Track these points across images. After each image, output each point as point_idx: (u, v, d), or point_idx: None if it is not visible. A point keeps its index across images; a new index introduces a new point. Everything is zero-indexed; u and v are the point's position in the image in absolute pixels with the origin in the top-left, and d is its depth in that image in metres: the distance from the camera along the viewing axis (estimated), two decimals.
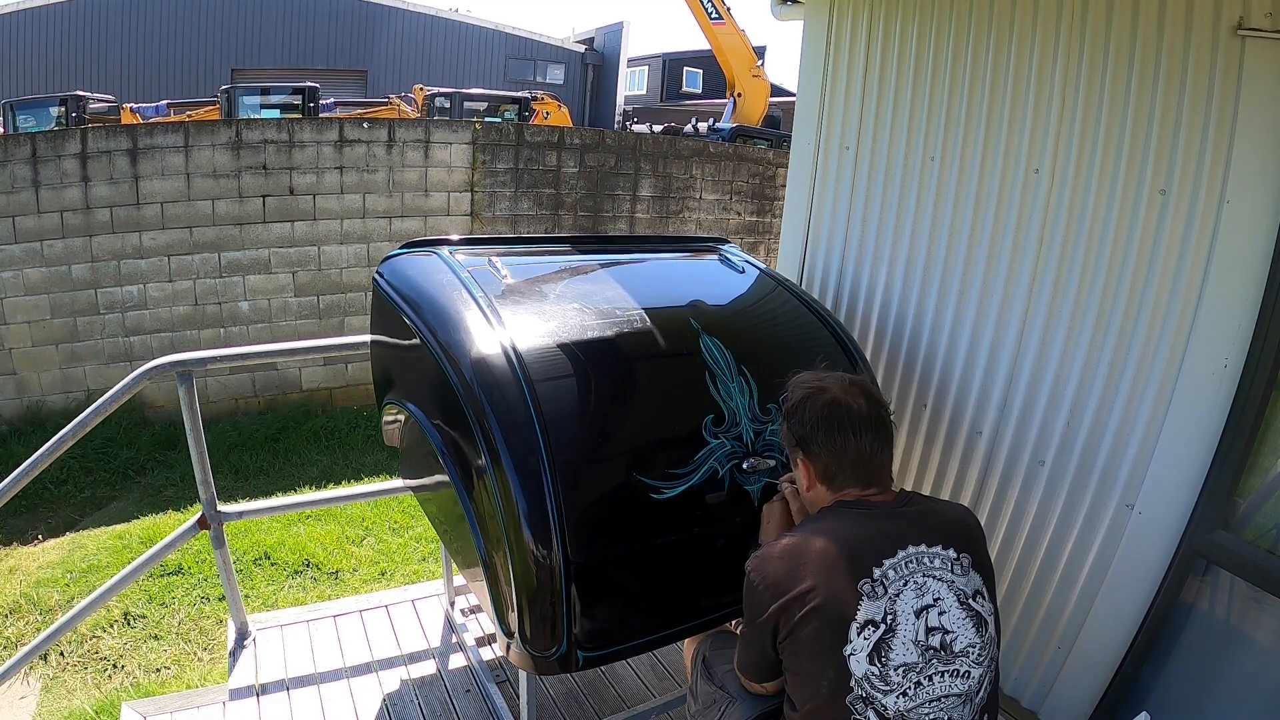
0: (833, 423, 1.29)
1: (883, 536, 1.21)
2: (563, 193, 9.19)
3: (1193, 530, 1.72)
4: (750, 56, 16.13)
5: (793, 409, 1.35)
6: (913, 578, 1.18)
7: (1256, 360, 1.58)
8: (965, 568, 1.22)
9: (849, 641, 1.14)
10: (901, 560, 1.19)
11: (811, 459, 1.32)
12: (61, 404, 7.30)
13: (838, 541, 1.20)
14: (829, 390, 1.33)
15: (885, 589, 1.16)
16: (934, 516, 1.28)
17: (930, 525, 1.25)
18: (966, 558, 1.23)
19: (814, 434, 1.31)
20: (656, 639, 1.61)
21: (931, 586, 1.19)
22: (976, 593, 1.22)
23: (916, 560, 1.20)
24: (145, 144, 7.24)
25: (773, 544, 1.25)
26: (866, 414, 1.30)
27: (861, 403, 1.31)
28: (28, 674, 3.93)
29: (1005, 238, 2.02)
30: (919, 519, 1.26)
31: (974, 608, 1.21)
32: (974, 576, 1.23)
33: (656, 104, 25.72)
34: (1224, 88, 1.55)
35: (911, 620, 1.16)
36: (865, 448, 1.29)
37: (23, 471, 2.02)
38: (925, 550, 1.21)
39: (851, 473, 1.29)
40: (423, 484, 1.89)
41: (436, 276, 1.75)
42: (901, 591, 1.17)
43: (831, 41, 2.50)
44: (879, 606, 1.15)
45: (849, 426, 1.29)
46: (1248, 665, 1.76)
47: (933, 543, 1.22)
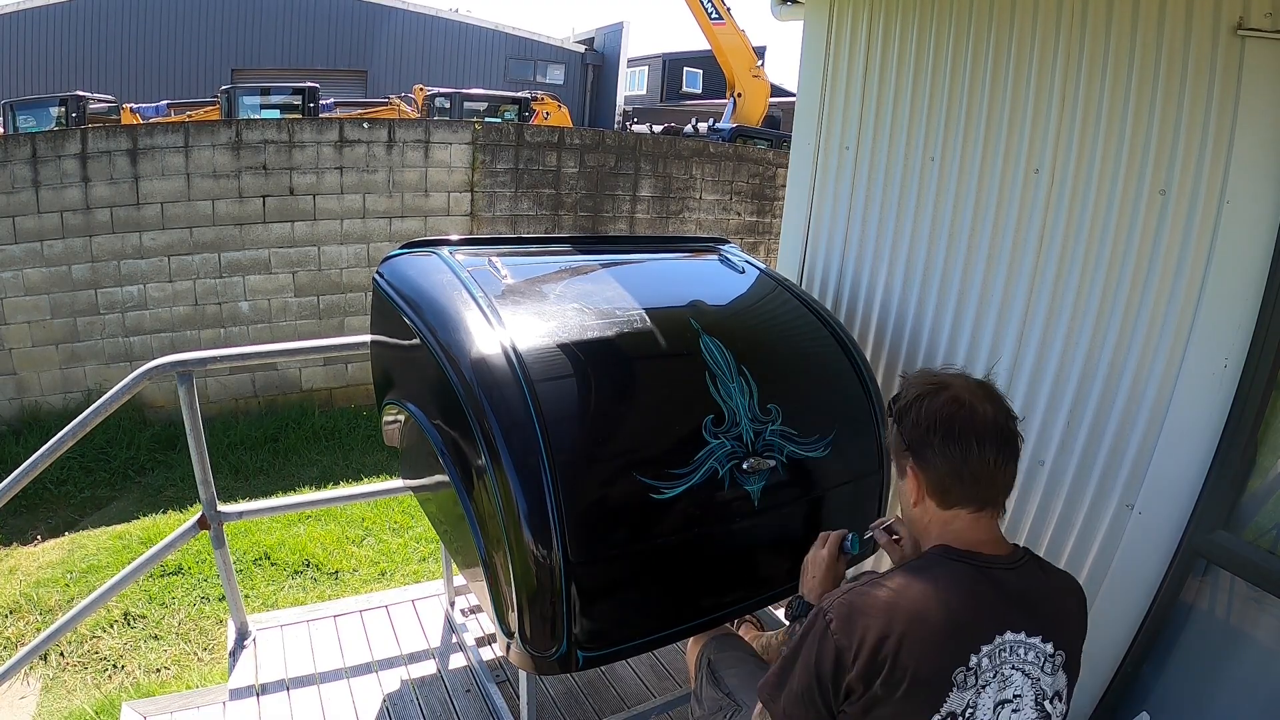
0: (953, 427, 1.13)
1: (988, 614, 1.09)
2: (563, 193, 9.19)
3: (1193, 530, 1.72)
4: (750, 56, 16.13)
5: (905, 408, 1.19)
6: (1002, 669, 1.08)
7: (1256, 360, 1.58)
8: (1056, 666, 1.12)
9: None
10: (997, 648, 1.08)
11: (924, 468, 1.16)
12: (61, 404, 7.30)
13: (944, 614, 1.07)
14: (951, 389, 1.16)
15: (977, 679, 1.07)
16: (1043, 597, 1.15)
17: (1037, 610, 1.12)
18: (1061, 655, 1.13)
19: (929, 439, 1.14)
20: (656, 639, 1.61)
21: (1016, 681, 1.09)
22: (1056, 694, 1.13)
23: (1011, 650, 1.09)
24: (145, 144, 7.24)
25: (866, 591, 1.09)
26: (993, 422, 1.13)
27: (988, 409, 1.14)
28: (28, 674, 3.93)
29: (1005, 238, 2.02)
30: (1028, 596, 1.13)
31: (1046, 709, 1.12)
32: (1060, 677, 1.13)
33: (656, 104, 25.72)
34: (1224, 88, 1.55)
35: (989, 715, 1.08)
36: (989, 461, 1.12)
37: (23, 472, 2.02)
38: (1024, 640, 1.10)
39: (970, 490, 1.14)
40: (423, 484, 1.89)
41: (436, 276, 1.75)
42: (989, 684, 1.08)
43: (831, 41, 2.50)
44: (964, 698, 1.06)
45: (971, 434, 1.12)
46: (1248, 665, 1.76)
47: (1033, 631, 1.10)
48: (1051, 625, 1.12)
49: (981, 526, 1.16)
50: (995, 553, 1.15)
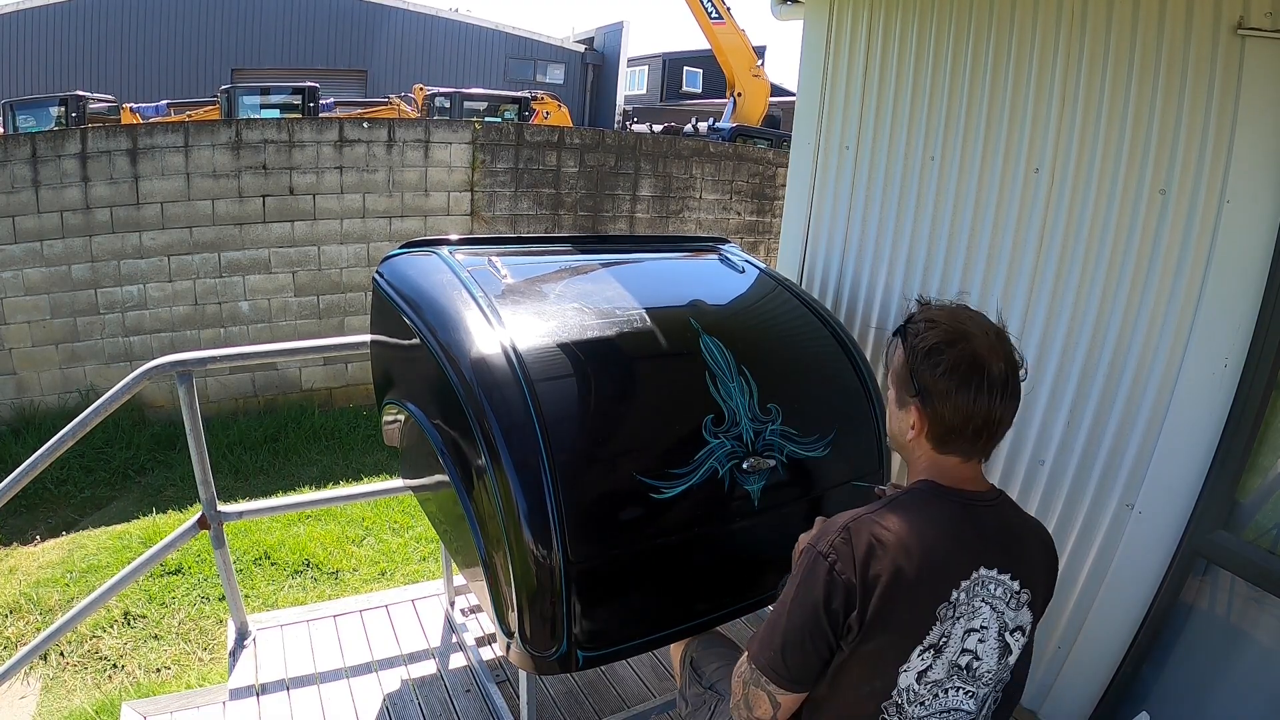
0: (969, 382, 1.12)
1: (969, 550, 1.14)
2: (563, 193, 9.19)
3: (1193, 530, 1.72)
4: (750, 56, 16.13)
5: (923, 350, 1.17)
6: (973, 601, 1.14)
7: (1256, 360, 1.58)
8: (1021, 603, 1.18)
9: (908, 661, 1.12)
10: (973, 583, 1.14)
11: (931, 414, 1.16)
12: (60, 404, 7.30)
13: (934, 553, 1.12)
14: (973, 342, 1.15)
15: (954, 611, 1.13)
16: (1015, 538, 1.20)
17: (1009, 548, 1.18)
18: (1027, 594, 1.18)
19: (944, 389, 1.14)
20: (657, 639, 1.61)
21: (983, 613, 1.15)
22: (1018, 628, 1.19)
23: (983, 584, 1.15)
24: (145, 144, 7.24)
25: (865, 528, 1.12)
26: (1003, 381, 1.14)
27: (1001, 366, 1.14)
28: (28, 674, 3.92)
29: (1005, 238, 2.02)
30: (1003, 535, 1.18)
31: (1006, 640, 1.18)
32: (1024, 613, 1.19)
33: (656, 104, 25.72)
34: (1224, 88, 1.55)
35: (958, 643, 1.14)
36: (995, 416, 1.14)
37: (22, 471, 2.02)
38: (995, 576, 1.15)
39: (970, 441, 1.16)
40: (423, 484, 1.89)
41: (436, 276, 1.75)
42: (963, 615, 1.13)
43: (831, 41, 2.50)
44: (942, 630, 1.12)
45: (985, 390, 1.12)
46: (1248, 665, 1.76)
47: (1004, 569, 1.16)
48: (1021, 565, 1.18)
49: (969, 467, 1.20)
50: (976, 489, 1.20)
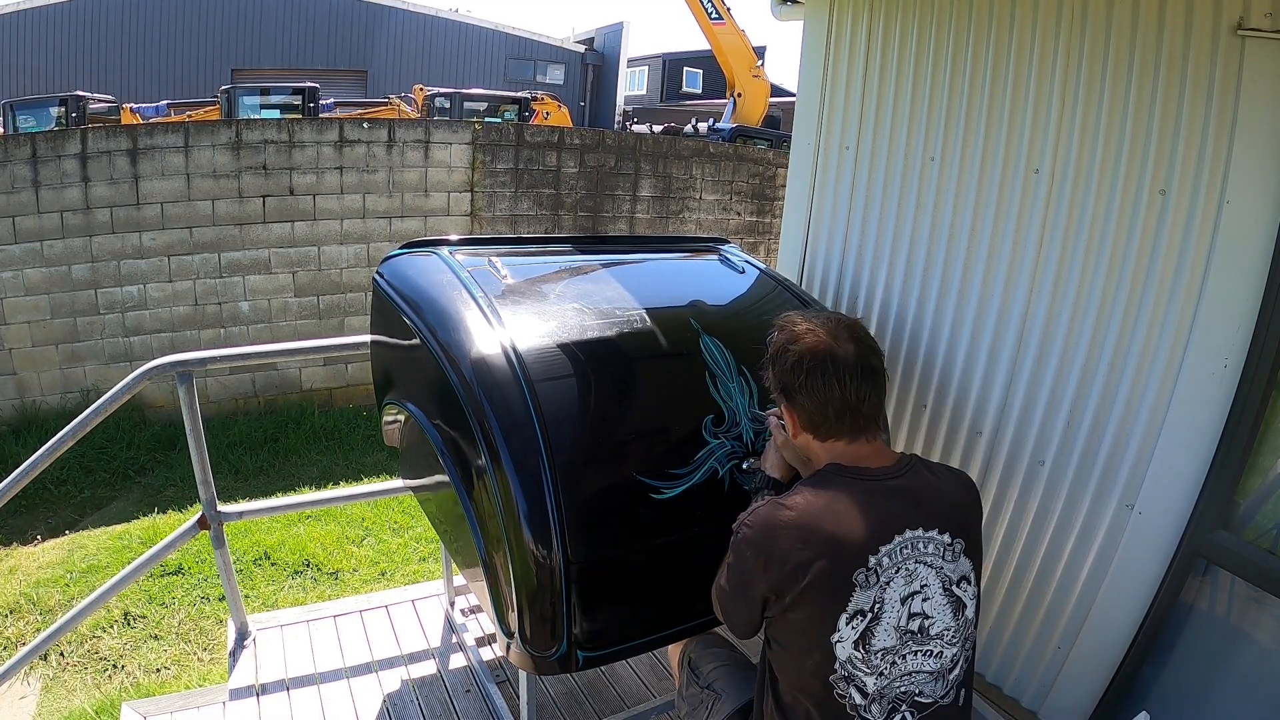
0: (816, 370, 1.22)
1: (880, 517, 1.17)
2: (563, 193, 9.19)
3: (1193, 530, 1.72)
4: (750, 56, 16.14)
5: (776, 353, 1.29)
6: (904, 564, 1.17)
7: (1256, 360, 1.58)
8: (956, 554, 1.21)
9: (837, 630, 1.14)
10: (897, 546, 1.16)
11: (795, 407, 1.27)
12: (61, 404, 7.30)
13: (840, 523, 1.16)
14: (815, 333, 1.25)
15: (878, 578, 1.15)
16: (933, 494, 1.24)
17: (928, 506, 1.21)
18: (960, 543, 1.21)
19: (795, 380, 1.24)
20: (657, 639, 1.61)
21: (920, 573, 1.18)
22: (962, 579, 1.21)
23: (911, 546, 1.17)
24: (145, 144, 7.24)
25: (770, 514, 1.19)
26: (854, 359, 1.23)
27: (849, 348, 1.23)
28: (28, 674, 3.93)
29: (1005, 238, 2.02)
30: (918, 496, 1.22)
31: (955, 594, 1.20)
32: (963, 562, 1.22)
33: (656, 104, 25.72)
34: (1224, 88, 1.55)
35: (897, 607, 1.16)
36: (851, 396, 1.21)
37: (23, 472, 2.02)
38: (921, 535, 1.18)
39: (836, 423, 1.23)
40: (423, 484, 1.89)
41: (436, 276, 1.75)
42: (893, 580, 1.16)
43: (831, 41, 2.50)
44: (869, 595, 1.15)
45: (833, 374, 1.21)
46: (1248, 665, 1.76)
47: (929, 526, 1.19)
48: (945, 517, 1.21)
49: (860, 446, 1.25)
50: (881, 464, 1.25)
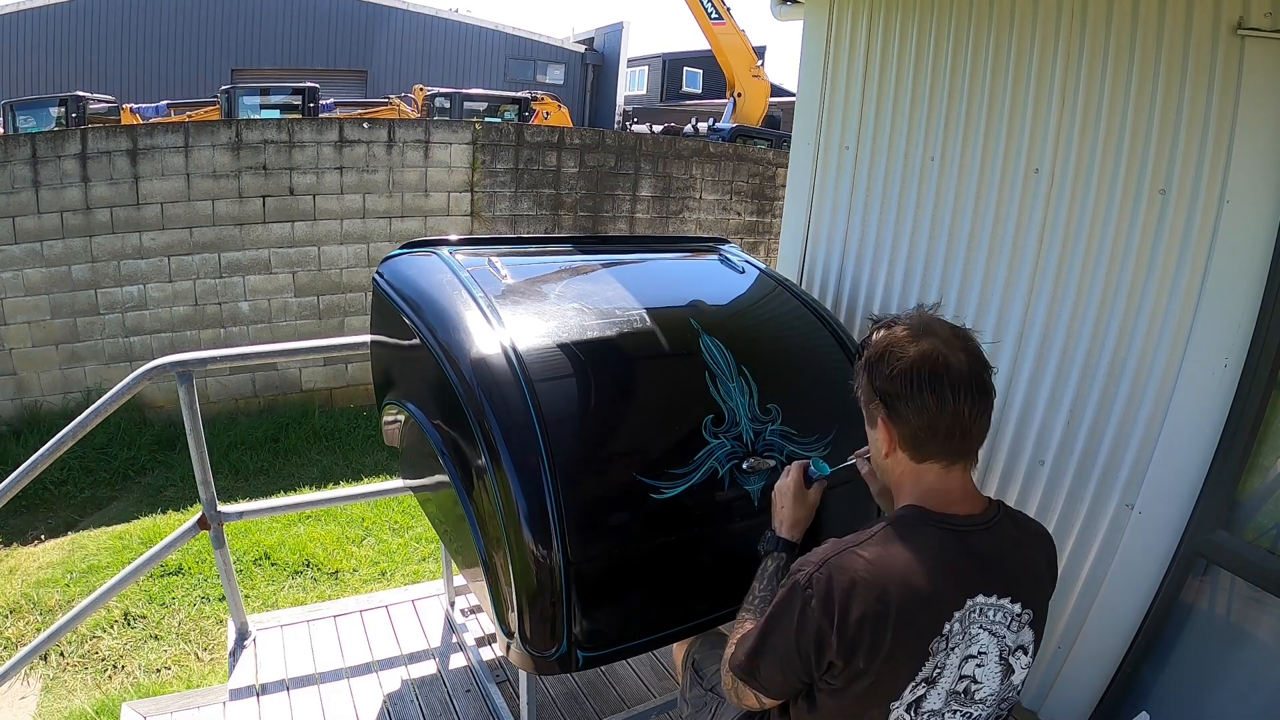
0: (927, 378, 1.08)
1: (961, 580, 1.09)
2: (563, 193, 9.19)
3: (1193, 530, 1.72)
4: (750, 56, 16.13)
5: (878, 357, 1.14)
6: (970, 629, 1.09)
7: (1256, 360, 1.58)
8: (1022, 624, 1.13)
9: (900, 698, 1.08)
10: (968, 612, 1.09)
11: (896, 420, 1.12)
12: (61, 404, 7.30)
13: (921, 586, 1.06)
14: (928, 339, 1.11)
15: (946, 644, 1.08)
16: (1017, 558, 1.15)
17: (1010, 572, 1.13)
18: (1028, 614, 1.14)
19: (903, 390, 1.10)
20: (657, 639, 1.61)
21: (981, 639, 1.10)
22: (1019, 648, 1.14)
23: (980, 611, 1.10)
24: (145, 144, 7.24)
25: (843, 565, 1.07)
26: (968, 373, 1.09)
27: (963, 359, 1.09)
28: (28, 674, 3.92)
29: (1005, 238, 2.02)
30: (1002, 558, 1.13)
31: (1009, 662, 1.14)
32: (1026, 633, 1.14)
33: (656, 104, 25.72)
34: (1224, 88, 1.55)
35: (954, 672, 1.09)
36: (964, 414, 1.08)
37: (23, 472, 2.02)
38: (993, 603, 1.10)
39: (945, 443, 1.10)
40: (423, 484, 1.89)
41: (436, 276, 1.75)
42: (958, 645, 1.09)
43: (831, 41, 2.50)
44: (936, 663, 1.08)
45: (948, 385, 1.08)
46: (1248, 665, 1.76)
47: (1003, 594, 1.11)
48: (1020, 584, 1.13)
49: (954, 479, 1.14)
50: (970, 511, 1.14)
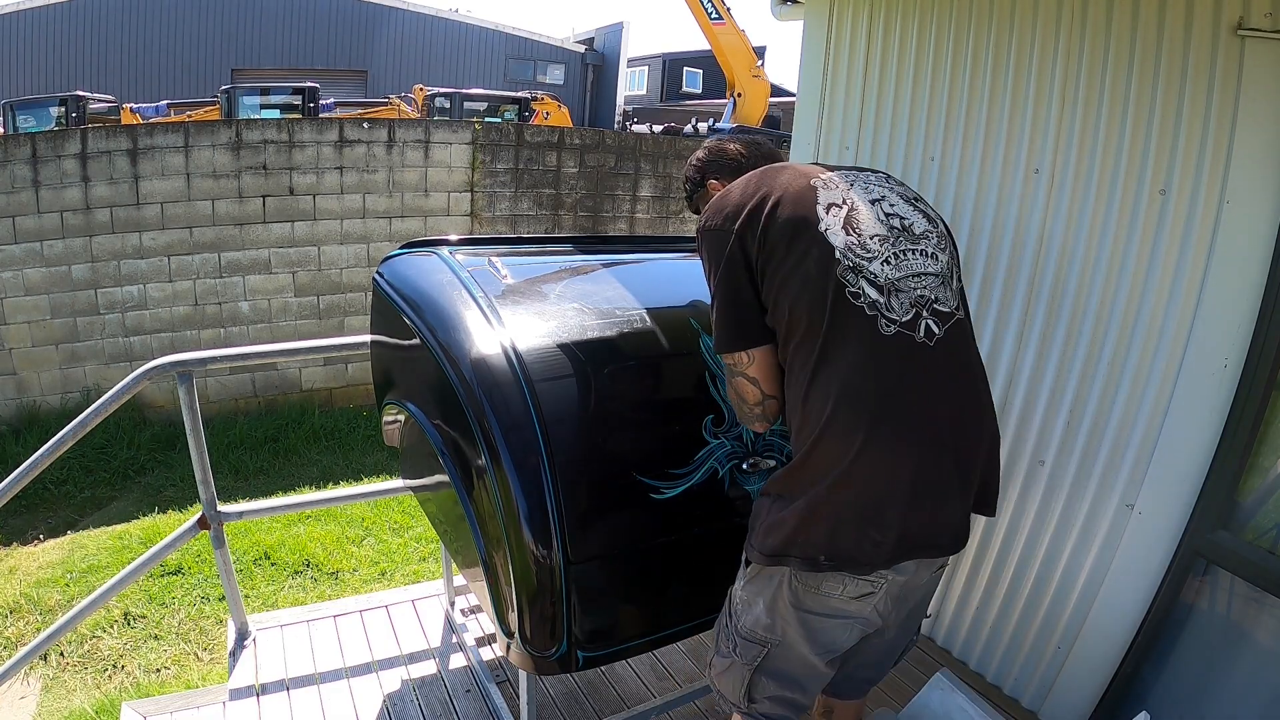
0: (720, 145, 1.49)
1: (816, 165, 1.30)
2: (563, 193, 9.19)
3: (1193, 530, 1.73)
4: (750, 56, 16.12)
5: (686, 177, 1.54)
6: (856, 181, 1.25)
7: (1256, 360, 1.58)
8: (900, 184, 1.30)
9: (820, 219, 1.18)
10: (840, 173, 1.26)
11: (720, 173, 1.47)
12: (61, 404, 7.31)
13: (774, 169, 1.28)
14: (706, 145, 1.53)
15: (834, 185, 1.23)
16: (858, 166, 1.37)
17: (857, 166, 1.34)
18: (897, 180, 1.32)
19: (710, 160, 1.49)
20: (657, 639, 1.61)
21: (875, 188, 1.25)
22: (916, 198, 1.29)
23: (852, 175, 1.27)
24: (145, 144, 7.24)
25: (717, 201, 1.29)
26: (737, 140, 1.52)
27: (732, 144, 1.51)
28: (28, 674, 3.93)
29: (1005, 238, 2.02)
30: (846, 165, 1.37)
31: (919, 207, 1.27)
32: (909, 189, 1.31)
33: (656, 104, 25.71)
34: (1224, 88, 1.55)
35: (867, 205, 1.21)
36: (760, 146, 1.47)
37: (23, 471, 2.02)
38: (860, 172, 1.29)
39: (759, 158, 1.45)
40: (423, 484, 1.89)
41: (436, 276, 1.75)
42: (851, 187, 1.23)
43: (831, 41, 2.50)
44: (834, 194, 1.21)
45: (739, 143, 1.48)
46: (1248, 665, 1.76)
47: (864, 170, 1.30)
48: (880, 171, 1.33)
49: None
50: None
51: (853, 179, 1.26)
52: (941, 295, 1.19)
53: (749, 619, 1.29)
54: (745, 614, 1.30)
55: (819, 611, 1.22)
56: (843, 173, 1.27)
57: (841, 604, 1.21)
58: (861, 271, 1.15)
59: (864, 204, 1.21)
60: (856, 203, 1.21)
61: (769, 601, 1.26)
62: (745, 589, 1.31)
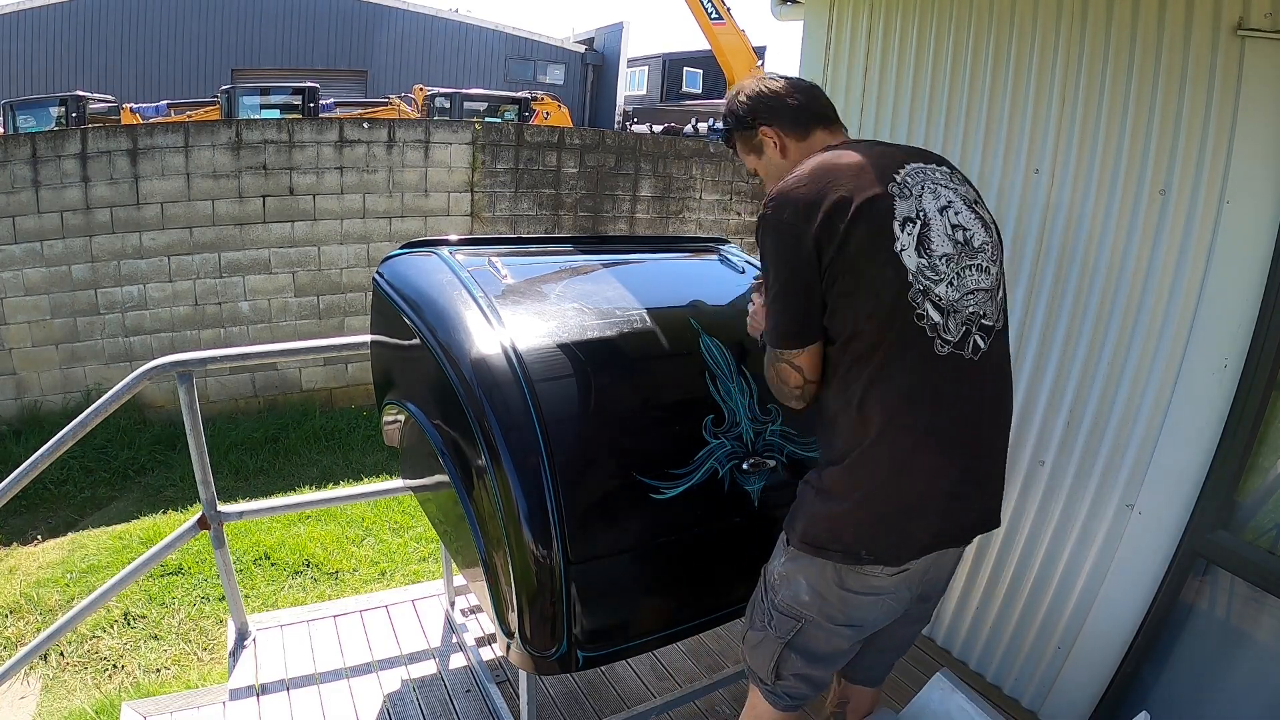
0: (770, 85, 1.38)
1: (886, 155, 1.27)
2: (563, 193, 9.19)
3: (1193, 530, 1.73)
4: (750, 56, 16.11)
5: (730, 111, 1.42)
6: (925, 183, 1.24)
7: (1256, 360, 1.58)
8: (961, 180, 1.30)
9: (897, 238, 1.18)
10: (911, 170, 1.24)
11: (775, 119, 1.37)
12: (61, 404, 7.30)
13: (849, 159, 1.24)
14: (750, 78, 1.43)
15: (909, 190, 1.21)
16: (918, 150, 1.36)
17: (919, 150, 1.33)
18: (958, 175, 1.31)
19: (762, 100, 1.37)
20: (657, 639, 1.61)
21: (942, 192, 1.25)
22: (976, 200, 1.31)
23: (922, 172, 1.25)
24: (145, 144, 7.24)
25: (785, 178, 1.24)
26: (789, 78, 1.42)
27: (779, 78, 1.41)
28: (28, 674, 3.93)
29: (1005, 238, 2.02)
30: (907, 147, 1.37)
31: (978, 212, 1.29)
32: (970, 188, 1.32)
33: (656, 104, 25.70)
34: (1224, 88, 1.55)
35: (938, 217, 1.22)
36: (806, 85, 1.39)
37: (23, 471, 2.02)
38: (925, 166, 1.27)
39: (816, 111, 1.36)
40: (423, 484, 1.89)
41: (436, 276, 1.75)
42: (922, 193, 1.22)
43: (831, 41, 2.50)
44: (909, 205, 1.20)
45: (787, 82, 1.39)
46: (1248, 665, 1.76)
47: (929, 161, 1.29)
48: (939, 159, 1.33)
49: (840, 134, 1.37)
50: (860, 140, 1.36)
51: (923, 180, 1.25)
52: (989, 310, 1.26)
53: (787, 594, 1.35)
54: (784, 589, 1.36)
55: (859, 590, 1.29)
56: (914, 169, 1.26)
57: (879, 581, 1.28)
58: (929, 294, 1.20)
59: (935, 215, 1.23)
60: (929, 215, 1.22)
61: (812, 580, 1.31)
62: (785, 565, 1.36)
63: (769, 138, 1.38)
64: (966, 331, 1.22)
